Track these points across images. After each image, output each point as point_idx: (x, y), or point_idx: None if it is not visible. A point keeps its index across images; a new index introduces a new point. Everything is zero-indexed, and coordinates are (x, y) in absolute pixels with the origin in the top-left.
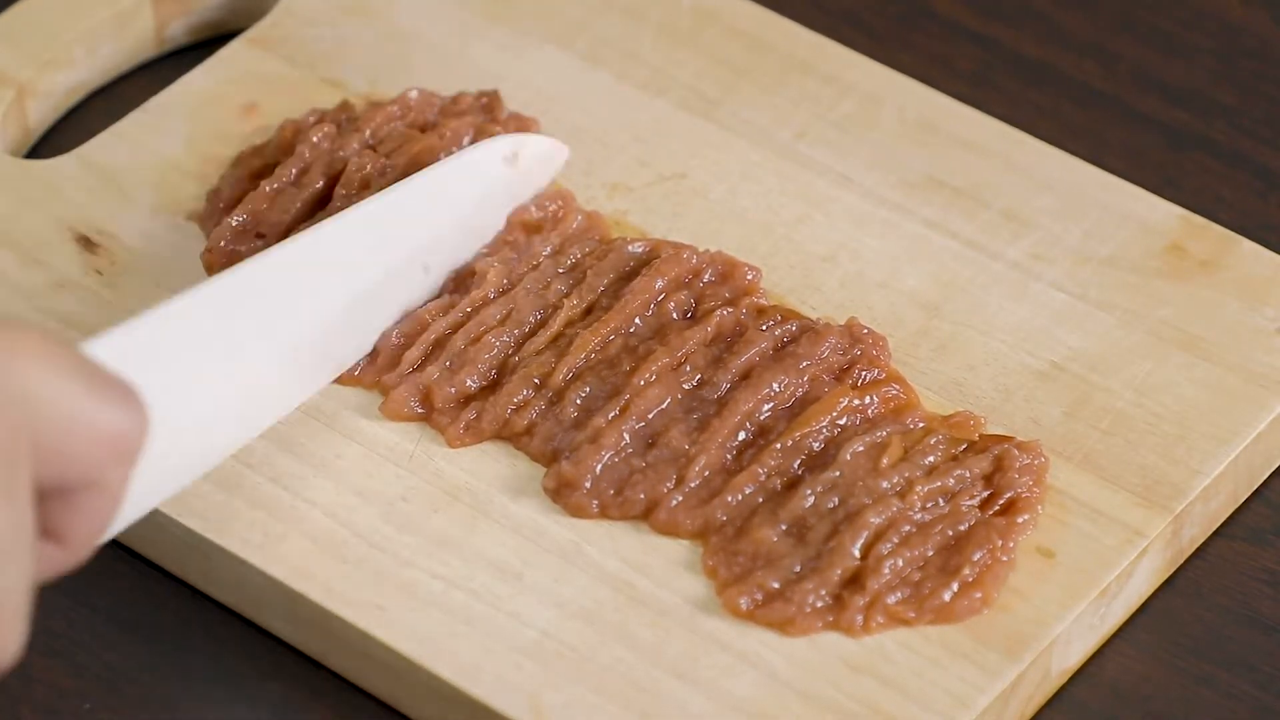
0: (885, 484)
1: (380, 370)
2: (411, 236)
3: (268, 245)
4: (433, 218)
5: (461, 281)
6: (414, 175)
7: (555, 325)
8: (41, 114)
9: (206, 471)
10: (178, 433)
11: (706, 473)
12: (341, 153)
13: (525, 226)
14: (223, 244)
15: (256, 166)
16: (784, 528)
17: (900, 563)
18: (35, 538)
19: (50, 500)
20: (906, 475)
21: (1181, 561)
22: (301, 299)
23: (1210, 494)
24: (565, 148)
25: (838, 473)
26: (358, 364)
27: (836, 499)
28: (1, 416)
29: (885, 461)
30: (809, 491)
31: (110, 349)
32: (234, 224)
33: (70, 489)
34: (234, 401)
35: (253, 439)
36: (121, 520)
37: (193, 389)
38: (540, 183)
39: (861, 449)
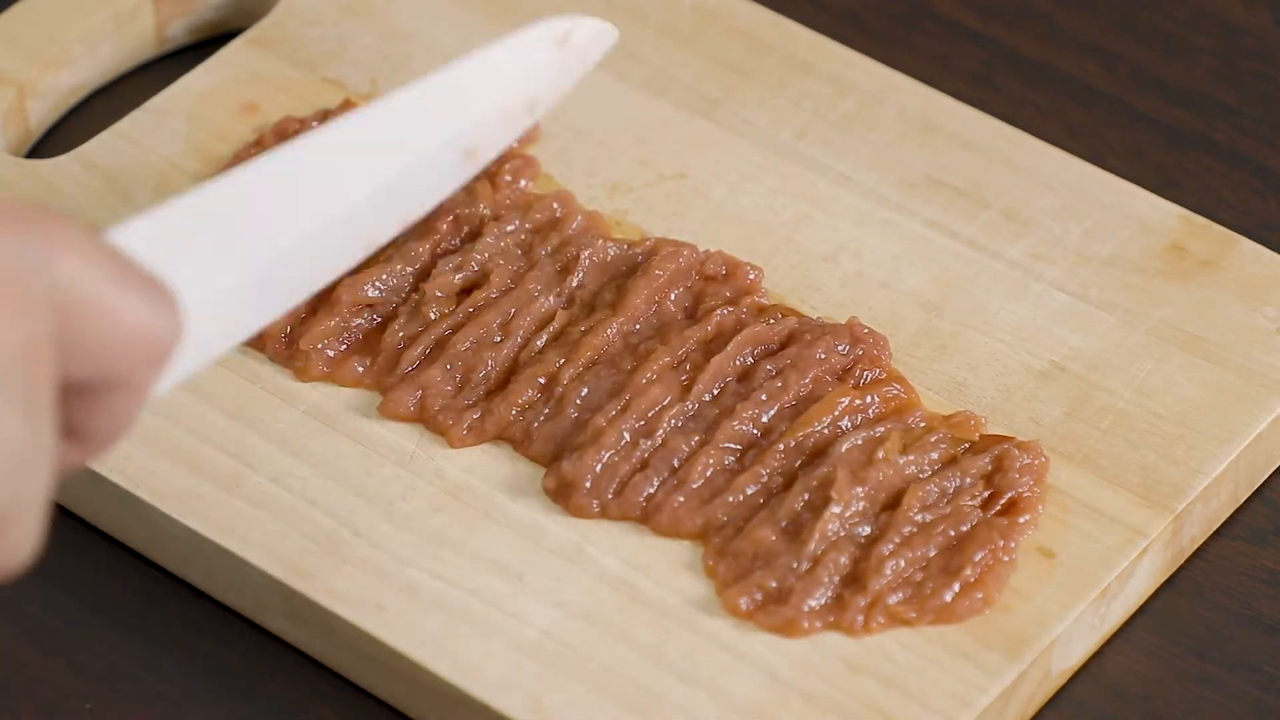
0: None
1: (380, 371)
2: (453, 121)
3: None
4: (478, 102)
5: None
6: (461, 60)
7: (556, 325)
8: (42, 114)
9: (228, 350)
10: (198, 316)
11: (708, 473)
12: None
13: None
14: None
15: None
16: (784, 527)
17: (901, 563)
18: (56, 444)
19: (73, 397)
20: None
21: (1182, 561)
22: (331, 182)
23: (1211, 494)
24: (614, 29)
25: None
26: (359, 365)
27: None
28: (31, 316)
29: None
30: (808, 492)
31: (134, 235)
32: None
33: (96, 388)
34: (259, 282)
35: (243, 333)
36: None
37: (216, 274)
38: (588, 64)
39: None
